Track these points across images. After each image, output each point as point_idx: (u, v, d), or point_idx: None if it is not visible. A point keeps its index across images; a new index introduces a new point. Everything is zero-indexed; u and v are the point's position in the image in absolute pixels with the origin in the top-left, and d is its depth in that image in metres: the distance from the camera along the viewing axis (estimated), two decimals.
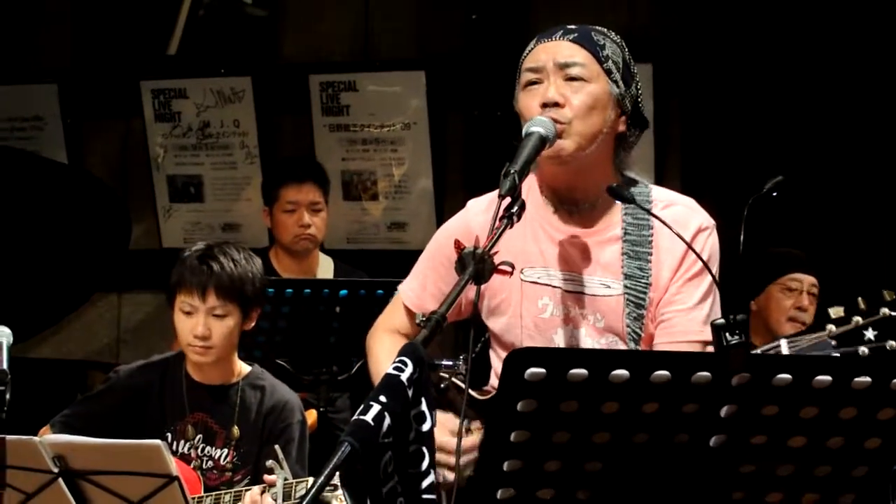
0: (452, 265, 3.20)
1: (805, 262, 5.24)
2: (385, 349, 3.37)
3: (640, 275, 3.08)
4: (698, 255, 3.01)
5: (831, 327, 3.14)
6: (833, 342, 3.13)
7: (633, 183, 3.18)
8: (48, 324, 6.63)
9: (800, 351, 3.21)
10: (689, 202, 3.21)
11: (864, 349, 3.05)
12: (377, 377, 3.31)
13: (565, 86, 3.04)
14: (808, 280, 5.18)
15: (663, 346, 3.07)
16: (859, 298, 3.12)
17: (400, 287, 3.45)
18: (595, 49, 3.09)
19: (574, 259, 3.13)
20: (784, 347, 3.24)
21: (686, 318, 3.07)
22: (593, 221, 3.15)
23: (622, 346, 3.10)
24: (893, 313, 3.05)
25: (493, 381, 3.28)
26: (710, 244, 3.13)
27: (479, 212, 3.28)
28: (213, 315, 4.02)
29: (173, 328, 4.14)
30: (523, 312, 3.16)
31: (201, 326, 4.00)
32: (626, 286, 3.09)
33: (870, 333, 3.07)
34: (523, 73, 3.11)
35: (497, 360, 3.29)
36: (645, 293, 3.08)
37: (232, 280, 4.03)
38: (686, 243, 3.00)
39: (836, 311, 3.15)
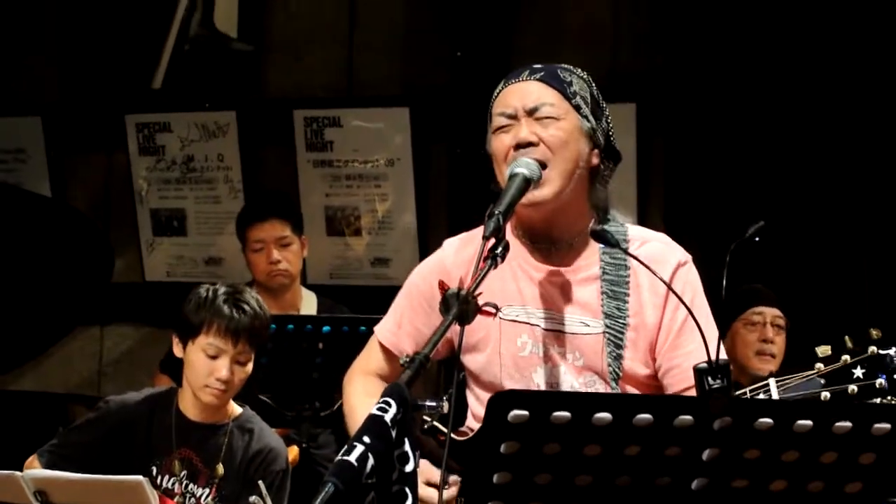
0: (428, 304, 3.26)
1: (767, 295, 5.25)
2: (358, 395, 3.38)
3: (618, 314, 3.10)
4: (679, 297, 3.01)
5: (820, 366, 3.16)
6: (822, 381, 3.14)
7: (607, 221, 3.21)
8: (30, 356, 6.62)
9: (789, 389, 3.22)
10: (665, 238, 3.24)
11: (853, 387, 3.07)
12: (350, 424, 3.34)
13: (537, 125, 3.07)
14: (770, 312, 5.19)
15: (691, 392, 3.04)
16: (846, 337, 3.13)
17: (376, 328, 3.45)
18: (562, 87, 3.12)
19: (552, 298, 3.14)
20: (773, 386, 3.26)
21: (699, 359, 3.05)
22: (571, 260, 3.17)
23: (601, 385, 3.12)
24: (882, 351, 3.08)
25: (470, 421, 3.28)
26: (691, 278, 3.18)
27: (454, 251, 3.30)
28: (237, 361, 4.04)
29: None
30: (502, 351, 3.16)
31: (226, 370, 4.01)
32: (606, 325, 3.10)
33: (858, 371, 3.09)
34: (494, 117, 3.14)
35: (474, 399, 3.28)
36: (623, 333, 3.10)
37: (262, 327, 4.08)
38: (668, 286, 3.01)
39: (823, 350, 3.17)
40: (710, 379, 2.42)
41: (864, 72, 5.75)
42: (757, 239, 5.18)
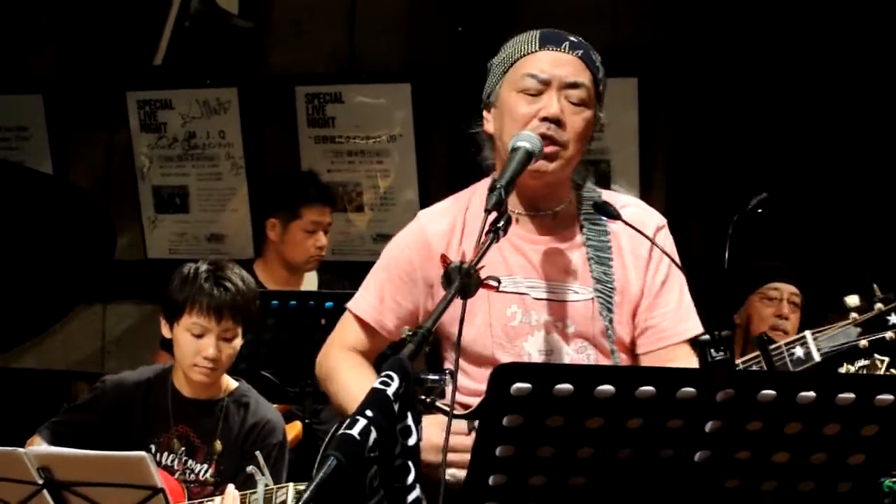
0: (409, 278, 3.25)
1: (784, 271, 5.27)
2: (347, 369, 3.31)
3: (606, 279, 3.13)
4: (673, 260, 3.04)
5: (855, 315, 3.20)
6: (858, 329, 3.18)
7: (579, 187, 3.25)
8: (32, 334, 6.62)
9: (826, 339, 3.28)
10: (639, 202, 3.30)
11: (890, 334, 3.11)
12: (344, 398, 3.26)
13: (566, 105, 3.07)
14: (787, 289, 5.21)
15: (664, 352, 3.13)
16: (874, 286, 3.18)
17: (351, 304, 3.39)
18: (595, 70, 3.14)
19: (540, 266, 3.16)
20: (809, 338, 3.32)
21: (675, 319, 3.14)
22: (555, 229, 3.19)
23: (592, 351, 3.14)
24: None
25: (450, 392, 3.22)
26: (669, 241, 3.20)
27: (433, 222, 3.30)
28: (223, 338, 4.03)
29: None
30: (493, 322, 3.15)
31: (213, 349, 4.01)
32: (596, 290, 3.13)
33: (894, 318, 3.13)
34: (522, 75, 3.11)
35: (461, 374, 3.21)
36: (612, 297, 3.13)
37: (245, 302, 4.05)
38: (658, 247, 3.03)
39: (852, 300, 3.22)
40: (712, 351, 2.42)
41: (867, 45, 5.73)
42: (759, 211, 5.20)
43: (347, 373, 3.30)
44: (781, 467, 2.35)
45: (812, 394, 2.27)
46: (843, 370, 3.53)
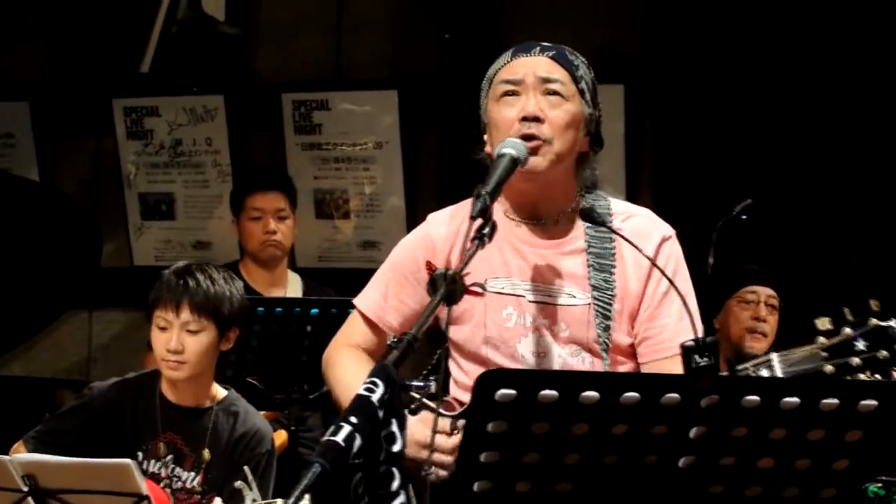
0: (414, 278, 3.29)
1: (761, 275, 5.29)
2: (345, 365, 3.36)
3: (606, 286, 3.13)
4: (663, 272, 3.05)
5: (822, 339, 3.18)
6: (825, 353, 3.17)
7: (592, 196, 3.26)
8: (18, 341, 6.60)
9: (791, 363, 3.25)
10: (648, 213, 3.29)
11: (856, 360, 3.09)
12: (340, 390, 3.31)
13: (544, 101, 3.10)
14: (764, 292, 5.23)
15: (662, 363, 3.12)
16: (846, 309, 3.16)
17: (357, 300, 3.45)
18: (571, 68, 3.16)
19: (538, 270, 3.17)
20: (775, 361, 3.30)
21: (675, 331, 3.12)
22: (557, 234, 3.21)
23: (586, 355, 3.14)
24: (882, 323, 3.11)
25: (454, 390, 3.28)
26: (675, 252, 3.20)
27: (440, 224, 3.33)
28: (187, 330, 4.02)
29: (149, 346, 4.13)
30: (487, 322, 3.18)
31: (174, 341, 4.00)
32: (594, 297, 3.13)
33: (861, 344, 3.12)
34: (498, 84, 3.16)
35: (457, 368, 3.28)
36: (611, 304, 3.13)
37: (207, 296, 4.03)
38: (650, 260, 3.05)
39: (822, 323, 3.20)
40: (696, 357, 2.42)
41: (850, 51, 5.75)
42: (744, 217, 5.21)
43: (345, 368, 3.34)
44: (766, 473, 2.35)
45: (796, 399, 2.27)
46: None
